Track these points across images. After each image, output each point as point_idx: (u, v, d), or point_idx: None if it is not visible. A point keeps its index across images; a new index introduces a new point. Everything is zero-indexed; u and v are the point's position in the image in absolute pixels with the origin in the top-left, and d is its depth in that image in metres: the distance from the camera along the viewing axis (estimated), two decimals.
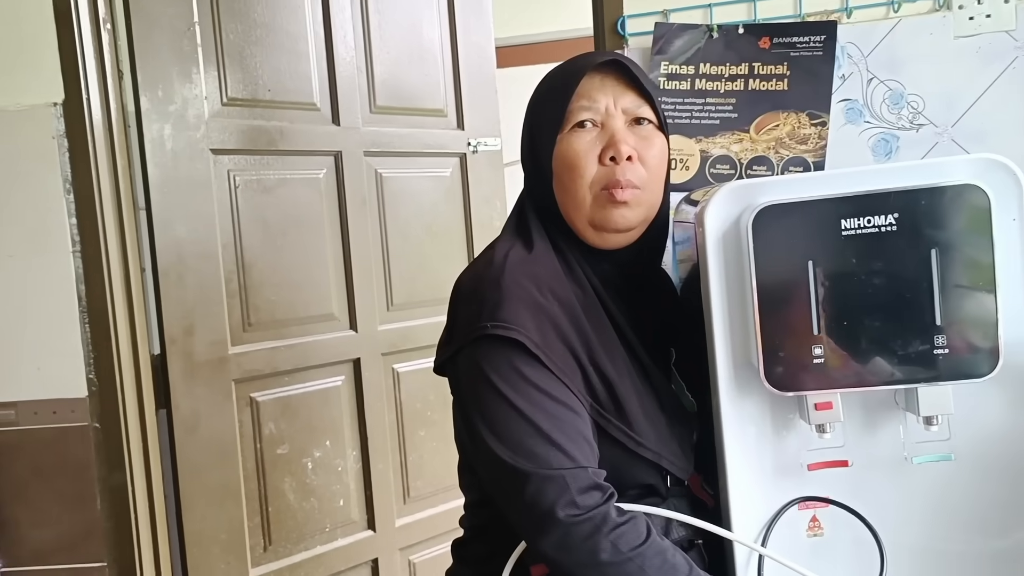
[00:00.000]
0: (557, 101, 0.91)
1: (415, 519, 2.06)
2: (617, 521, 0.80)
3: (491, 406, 0.84)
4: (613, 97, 0.90)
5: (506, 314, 0.83)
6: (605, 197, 0.89)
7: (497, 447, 0.82)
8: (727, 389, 0.87)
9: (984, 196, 0.78)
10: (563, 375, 0.84)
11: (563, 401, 0.83)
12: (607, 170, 0.89)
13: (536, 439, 0.81)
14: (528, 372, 0.83)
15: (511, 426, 0.82)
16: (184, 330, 1.62)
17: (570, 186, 0.91)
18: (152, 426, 1.57)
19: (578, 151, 0.90)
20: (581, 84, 0.91)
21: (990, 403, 0.84)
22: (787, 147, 1.34)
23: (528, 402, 0.82)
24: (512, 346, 0.83)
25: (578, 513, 0.79)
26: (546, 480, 0.80)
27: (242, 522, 1.72)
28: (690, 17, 1.37)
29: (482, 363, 0.84)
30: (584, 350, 0.86)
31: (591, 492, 0.81)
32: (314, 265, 1.85)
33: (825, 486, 0.88)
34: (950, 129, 1.32)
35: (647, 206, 0.92)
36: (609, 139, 0.89)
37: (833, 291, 0.80)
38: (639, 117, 0.91)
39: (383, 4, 1.95)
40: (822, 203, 0.80)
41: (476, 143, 2.14)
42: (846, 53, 1.33)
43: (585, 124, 0.91)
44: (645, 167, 0.90)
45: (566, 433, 0.82)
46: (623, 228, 0.91)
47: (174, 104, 1.59)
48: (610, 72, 0.91)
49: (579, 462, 0.81)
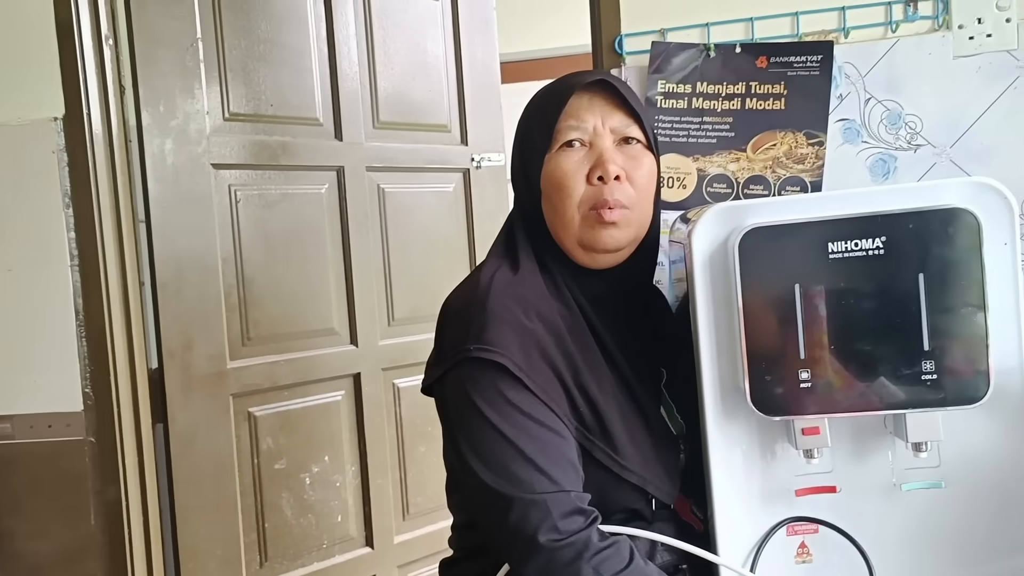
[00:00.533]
0: (545, 120, 0.91)
1: (414, 536, 2.04)
2: (599, 546, 0.79)
3: (475, 429, 0.83)
4: (601, 117, 0.90)
5: (491, 337, 0.83)
6: (594, 217, 0.89)
7: (481, 470, 0.82)
8: (714, 412, 0.86)
9: (974, 220, 0.77)
10: (548, 398, 0.83)
11: (547, 424, 0.83)
12: (595, 190, 0.89)
13: (519, 463, 0.81)
14: (512, 395, 0.82)
15: (495, 450, 0.82)
16: (182, 344, 1.63)
17: (558, 206, 0.90)
18: (148, 440, 1.57)
19: (566, 171, 0.90)
20: (569, 103, 0.90)
21: (981, 430, 0.82)
22: (784, 167, 1.34)
23: (512, 426, 0.82)
24: (497, 369, 0.82)
25: (560, 538, 0.78)
26: (529, 505, 0.79)
27: (238, 537, 1.72)
28: (687, 36, 1.37)
29: (467, 386, 0.84)
30: (570, 372, 0.86)
31: (573, 517, 0.80)
32: (315, 280, 1.86)
33: (813, 512, 0.87)
34: (949, 150, 1.30)
35: (636, 226, 0.91)
36: (597, 159, 0.89)
37: (820, 315, 0.79)
38: (627, 137, 0.91)
39: (387, 20, 1.96)
40: (809, 226, 0.79)
41: (480, 158, 2.15)
42: (843, 73, 1.32)
43: (573, 143, 0.90)
44: (634, 186, 0.90)
45: (550, 457, 0.82)
46: (612, 248, 0.90)
47: (176, 119, 1.60)
48: (598, 92, 0.91)
49: (562, 486, 0.81)
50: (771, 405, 0.81)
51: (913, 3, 1.31)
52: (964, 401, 0.78)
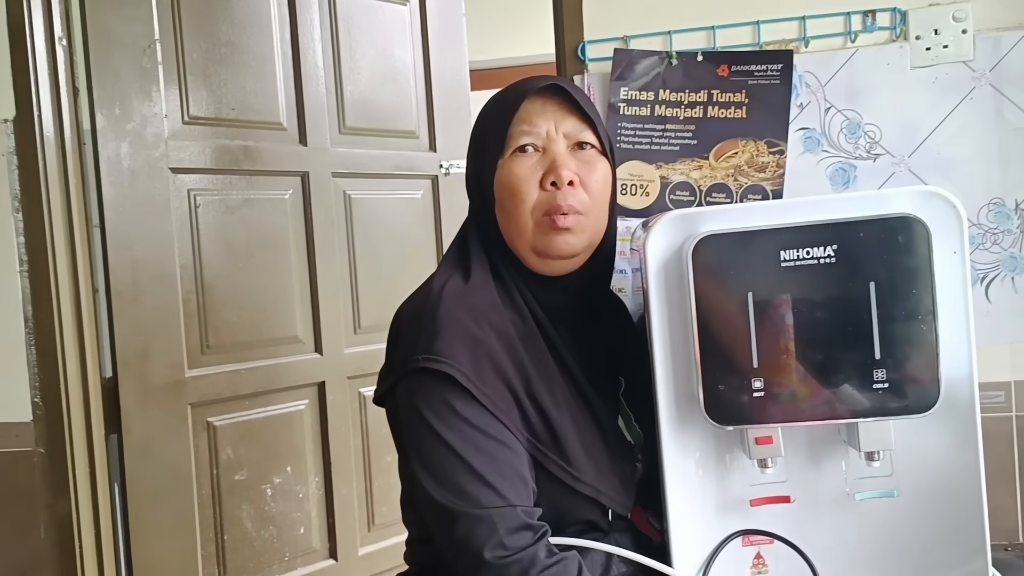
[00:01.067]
0: (498, 125, 0.90)
1: (379, 547, 2.02)
2: (546, 563, 0.78)
3: (423, 442, 0.82)
4: (554, 121, 0.89)
5: (440, 347, 0.81)
6: (547, 223, 0.87)
7: (429, 484, 0.81)
8: (669, 422, 0.85)
9: (924, 228, 0.77)
10: (497, 410, 0.82)
11: (496, 437, 0.81)
12: (548, 195, 0.87)
13: (466, 477, 0.80)
14: (461, 408, 0.81)
15: (442, 463, 0.81)
16: (138, 353, 1.59)
17: (512, 211, 0.89)
18: (101, 452, 1.53)
19: (519, 176, 0.88)
20: (522, 108, 0.89)
21: (932, 438, 0.82)
22: (746, 175, 1.34)
23: (460, 438, 0.80)
24: (445, 381, 0.81)
25: (506, 555, 0.77)
26: (475, 520, 0.78)
27: (195, 551, 1.68)
28: (650, 44, 1.37)
29: (416, 398, 0.83)
30: (521, 383, 0.84)
31: (521, 532, 0.78)
32: (279, 287, 1.83)
33: (768, 522, 0.86)
34: (907, 159, 1.31)
35: (591, 232, 0.90)
36: (550, 164, 0.88)
37: (772, 324, 0.78)
38: (581, 141, 0.90)
39: (353, 24, 1.95)
40: (762, 234, 0.79)
41: (448, 165, 2.13)
42: (804, 82, 1.33)
43: (526, 149, 0.89)
44: (588, 192, 0.89)
45: (498, 471, 0.80)
46: (566, 254, 0.89)
47: (132, 122, 1.57)
48: (551, 96, 0.90)
49: (510, 501, 0.79)
50: (724, 414, 0.80)
51: (871, 14, 1.32)
52: (915, 410, 0.77)
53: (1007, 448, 1.41)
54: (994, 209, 1.33)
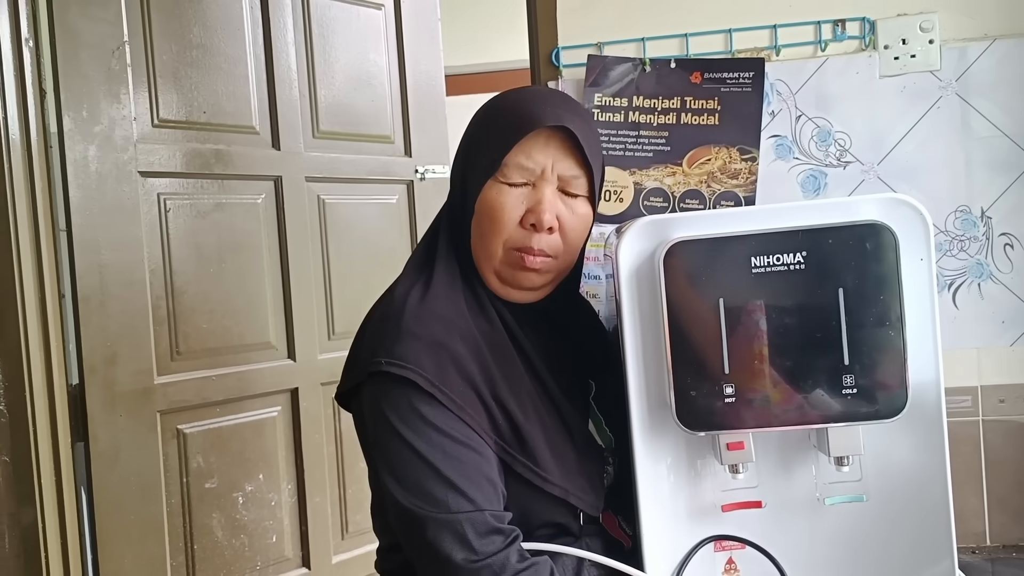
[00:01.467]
0: (497, 146, 0.88)
1: (353, 555, 2.00)
2: (517, 567, 0.77)
3: (390, 448, 0.82)
4: (552, 160, 0.87)
5: (403, 351, 0.81)
6: (516, 258, 0.87)
7: (396, 490, 0.80)
8: (641, 427, 0.85)
9: (891, 235, 0.77)
10: (463, 413, 0.81)
11: (463, 441, 0.81)
12: (525, 234, 0.87)
13: (434, 481, 0.79)
14: (427, 412, 0.80)
15: (409, 468, 0.80)
16: (106, 359, 1.56)
17: (487, 235, 0.89)
18: (67, 460, 1.50)
19: (503, 204, 0.87)
20: (527, 136, 0.87)
21: (901, 443, 0.83)
22: (719, 181, 1.35)
23: (427, 443, 0.80)
24: (410, 385, 0.81)
25: (476, 559, 0.76)
26: (444, 525, 0.78)
27: (164, 561, 1.65)
28: (623, 50, 1.38)
29: (382, 403, 0.82)
30: (487, 386, 0.84)
31: (491, 536, 0.78)
32: (251, 292, 1.81)
33: (740, 527, 0.86)
34: (876, 167, 1.33)
35: (556, 272, 0.91)
36: (535, 205, 0.86)
37: (743, 329, 0.79)
38: (572, 186, 0.89)
39: (327, 28, 1.93)
40: (732, 240, 0.79)
41: (424, 170, 2.13)
42: (775, 90, 1.35)
43: (516, 179, 0.88)
44: (564, 236, 0.88)
45: (466, 475, 0.80)
46: (527, 288, 0.90)
47: (100, 124, 1.55)
48: (557, 134, 0.88)
49: (479, 505, 0.79)
50: (696, 420, 0.80)
51: (841, 23, 1.34)
52: (884, 415, 0.78)
53: (974, 451, 1.43)
54: (960, 216, 1.35)
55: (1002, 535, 1.41)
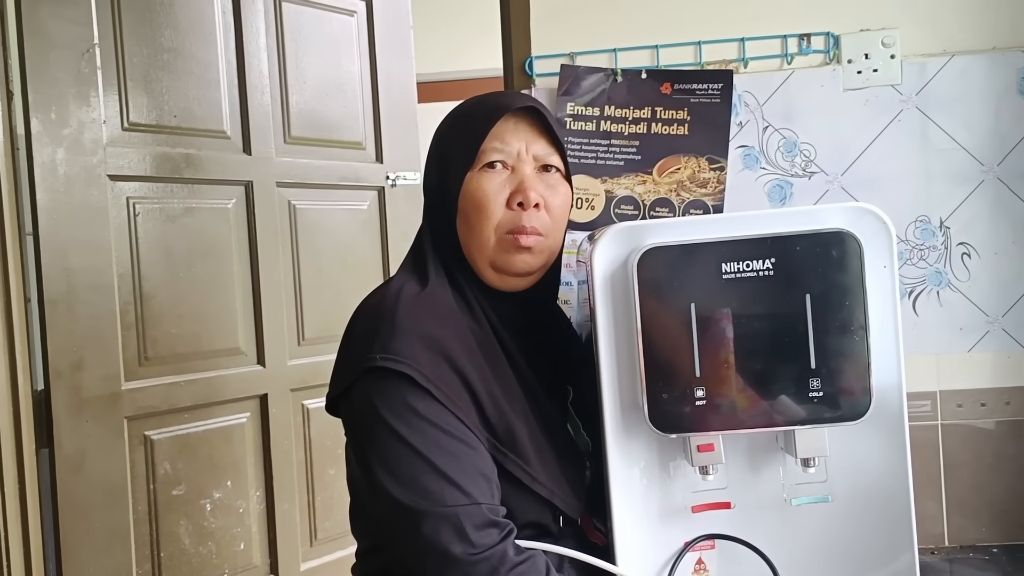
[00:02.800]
0: (470, 138, 0.90)
1: (322, 562, 1.98)
2: (515, 560, 0.78)
3: (384, 443, 0.81)
4: (526, 142, 0.90)
5: (397, 347, 0.81)
6: (510, 241, 0.89)
7: (391, 485, 0.80)
8: (614, 430, 0.87)
9: (856, 243, 0.80)
10: (457, 409, 0.82)
11: (458, 436, 0.81)
12: (514, 215, 0.89)
13: (430, 476, 0.79)
14: (421, 407, 0.81)
15: (404, 463, 0.80)
16: (72, 364, 1.54)
17: (476, 225, 0.90)
18: (31, 466, 1.47)
19: (487, 192, 0.89)
20: (497, 125, 0.90)
21: (864, 445, 0.85)
22: (688, 190, 1.37)
23: (421, 438, 0.80)
24: (404, 381, 0.81)
25: (474, 552, 0.77)
26: (441, 518, 0.78)
27: (130, 568, 1.63)
28: (595, 60, 1.40)
29: (375, 398, 0.82)
30: (480, 384, 0.85)
31: (488, 530, 0.79)
32: (221, 297, 1.79)
33: (709, 528, 0.88)
34: (840, 177, 1.37)
35: (548, 252, 0.93)
36: (519, 184, 0.89)
37: (713, 334, 0.81)
38: (548, 165, 0.92)
39: (300, 34, 1.93)
40: (704, 247, 0.81)
41: (395, 177, 2.13)
42: (743, 101, 1.38)
43: (496, 165, 0.90)
44: (550, 214, 0.91)
45: (461, 469, 0.80)
46: (524, 272, 0.91)
47: (68, 127, 1.53)
48: (524, 117, 0.91)
49: (475, 498, 0.79)
50: (667, 422, 0.82)
51: (807, 37, 1.38)
52: (848, 417, 0.80)
53: (933, 456, 1.47)
54: (920, 226, 1.40)
55: (960, 536, 1.46)
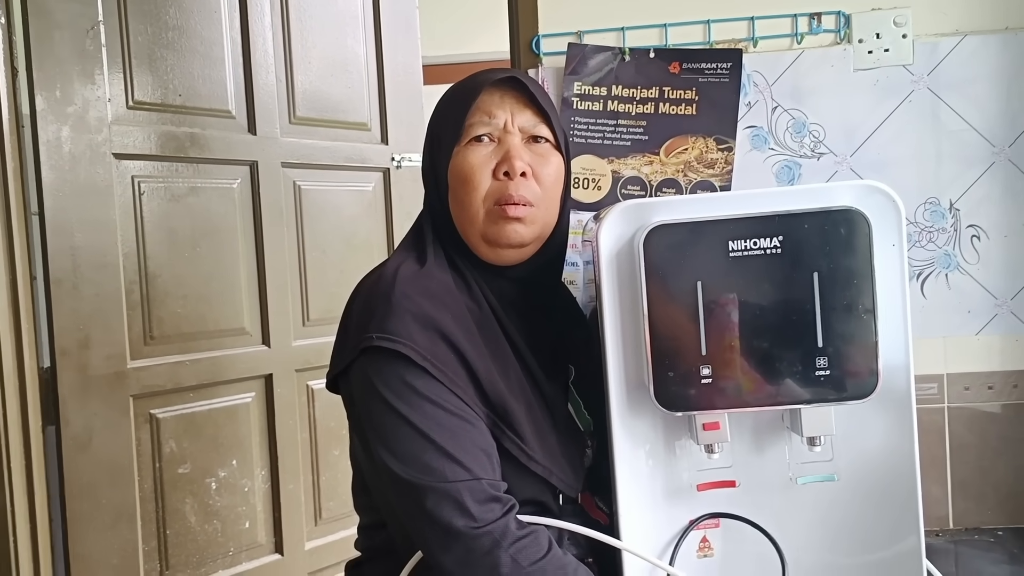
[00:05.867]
0: (455, 115, 0.91)
1: (326, 542, 2.00)
2: (517, 534, 0.78)
3: (384, 421, 0.82)
4: (511, 113, 0.90)
5: (394, 326, 0.81)
6: (498, 212, 0.89)
7: (392, 462, 0.81)
8: (619, 408, 0.87)
9: (865, 221, 0.79)
10: (455, 387, 0.82)
11: (457, 413, 0.82)
12: (501, 185, 0.89)
13: (430, 452, 0.80)
14: (419, 385, 0.81)
15: (405, 440, 0.80)
16: (78, 342, 1.54)
17: (464, 199, 0.90)
18: (38, 443, 1.48)
19: (473, 164, 0.89)
20: (480, 99, 0.90)
21: (871, 425, 0.85)
22: (695, 171, 1.36)
23: (421, 415, 0.81)
24: (401, 359, 0.81)
25: (477, 526, 0.77)
26: (443, 493, 0.78)
27: (136, 546, 1.64)
28: (603, 39, 1.39)
29: (373, 378, 0.83)
30: (477, 362, 0.85)
31: (490, 504, 0.79)
32: (226, 277, 1.80)
33: (714, 506, 0.88)
34: (849, 158, 1.36)
35: (541, 223, 0.92)
36: (504, 154, 0.89)
37: (720, 312, 0.80)
38: (536, 135, 0.91)
39: (305, 14, 1.92)
40: (711, 224, 0.81)
41: (400, 158, 2.12)
42: (752, 81, 1.36)
43: (482, 139, 0.90)
44: (540, 184, 0.90)
45: (461, 445, 0.81)
46: (515, 243, 0.90)
47: (74, 105, 1.52)
48: (509, 89, 0.91)
49: (476, 474, 0.80)
50: (673, 401, 0.82)
51: (817, 17, 1.36)
52: (854, 396, 0.80)
53: (939, 439, 1.47)
54: (930, 208, 1.38)
55: (965, 519, 1.46)
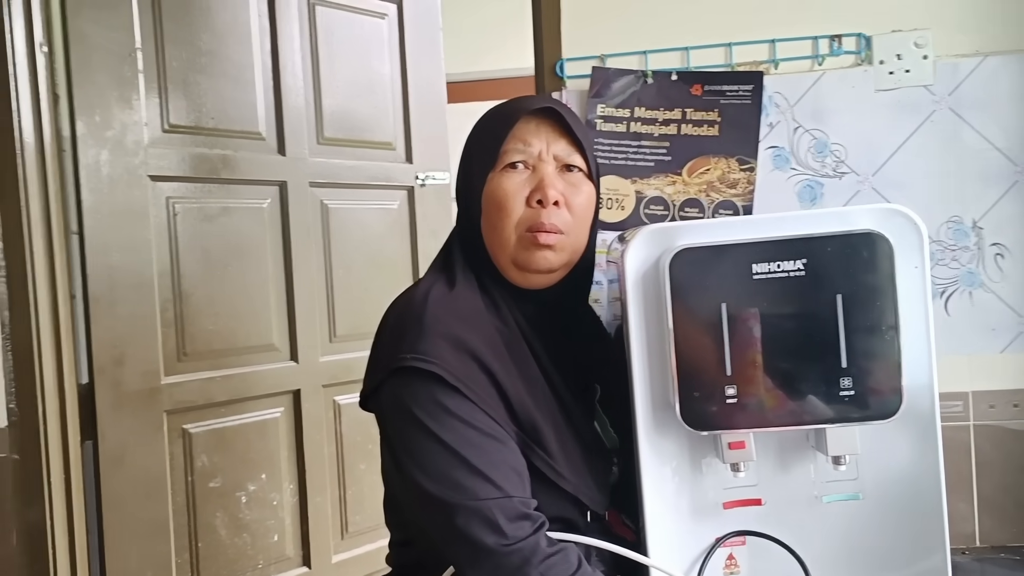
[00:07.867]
0: (492, 141, 0.93)
1: (353, 555, 2.02)
2: (547, 552, 0.80)
3: (415, 440, 0.83)
4: (547, 142, 0.92)
5: (426, 347, 0.83)
6: (529, 239, 0.91)
7: (424, 480, 0.82)
8: (646, 428, 0.88)
9: (887, 244, 0.81)
10: (486, 406, 0.84)
11: (488, 432, 0.83)
12: (533, 212, 0.91)
13: (461, 470, 0.81)
14: (451, 404, 0.83)
15: (436, 459, 0.82)
16: (114, 359, 1.59)
17: (497, 224, 0.92)
18: (76, 458, 1.52)
19: (507, 191, 0.92)
20: (516, 126, 0.92)
21: (896, 443, 0.86)
22: (718, 191, 1.38)
23: (452, 434, 0.82)
24: (433, 379, 0.83)
25: (507, 543, 0.78)
26: (474, 511, 0.79)
27: (169, 558, 1.67)
28: (626, 62, 1.41)
29: (404, 397, 0.84)
30: (507, 381, 0.87)
31: (520, 522, 0.80)
32: (256, 295, 1.83)
33: (739, 524, 0.89)
34: (871, 178, 1.37)
35: (570, 251, 0.94)
36: (538, 183, 0.91)
37: (745, 333, 0.82)
38: (569, 164, 0.93)
39: (332, 36, 1.97)
40: (735, 247, 0.82)
41: (424, 177, 2.16)
42: (773, 102, 1.38)
43: (517, 166, 0.92)
44: (571, 213, 0.92)
45: (492, 463, 0.82)
46: (544, 269, 0.92)
47: (112, 129, 1.58)
48: (545, 118, 0.93)
49: (506, 491, 0.81)
50: (699, 420, 0.83)
51: (838, 38, 1.38)
52: (879, 416, 0.81)
53: (965, 456, 1.46)
54: (952, 227, 1.39)
55: (991, 537, 1.45)
